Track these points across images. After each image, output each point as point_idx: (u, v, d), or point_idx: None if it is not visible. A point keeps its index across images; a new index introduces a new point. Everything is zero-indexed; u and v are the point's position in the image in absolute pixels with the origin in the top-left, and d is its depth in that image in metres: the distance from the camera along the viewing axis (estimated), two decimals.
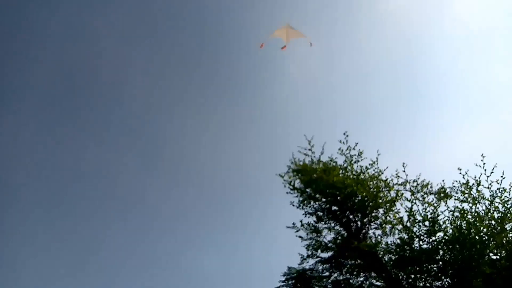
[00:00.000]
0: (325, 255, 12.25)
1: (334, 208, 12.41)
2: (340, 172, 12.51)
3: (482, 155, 11.20)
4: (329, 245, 12.15)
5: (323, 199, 12.53)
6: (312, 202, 12.65)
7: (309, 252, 12.25)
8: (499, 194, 11.10)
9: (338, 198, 12.25)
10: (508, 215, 11.00)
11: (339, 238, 12.12)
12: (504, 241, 10.82)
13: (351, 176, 12.37)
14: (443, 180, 11.84)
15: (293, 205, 12.85)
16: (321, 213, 12.46)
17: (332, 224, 12.35)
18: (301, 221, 12.45)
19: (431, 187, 11.91)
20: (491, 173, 11.11)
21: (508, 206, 11.00)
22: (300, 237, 12.41)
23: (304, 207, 12.69)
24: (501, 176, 11.04)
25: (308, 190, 12.84)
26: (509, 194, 11.03)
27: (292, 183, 12.94)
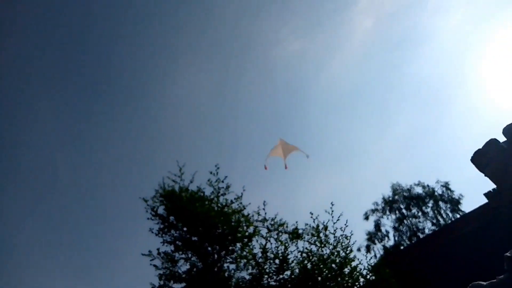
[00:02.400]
0: (178, 286, 11.98)
1: (194, 238, 12.28)
2: (206, 203, 12.53)
3: (331, 203, 12.39)
4: (183, 276, 11.92)
5: (185, 229, 12.34)
6: (172, 231, 12.36)
7: (161, 282, 11.82)
8: (341, 240, 12.33)
9: (200, 228, 12.19)
10: (347, 260, 12.23)
11: (194, 269, 11.99)
12: (344, 285, 11.95)
13: (216, 208, 12.48)
14: (296, 222, 12.69)
15: (153, 232, 12.38)
16: (180, 243, 12.20)
17: (189, 255, 12.17)
18: (158, 249, 12.03)
19: (286, 226, 12.64)
20: (337, 220, 12.34)
21: (348, 253, 12.26)
22: (154, 265, 11.94)
23: (163, 235, 12.31)
24: (345, 224, 12.33)
25: (171, 217, 12.54)
26: (349, 242, 12.35)
27: (155, 209, 12.51)
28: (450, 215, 26.80)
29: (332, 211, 12.28)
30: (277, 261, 11.89)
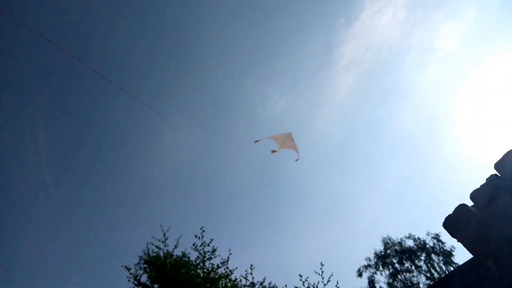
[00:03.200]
0: None
1: None
2: (191, 269, 12.07)
3: (321, 263, 12.06)
4: None
5: None
6: None
7: None
8: None
9: None
10: None
11: None
12: None
13: (202, 275, 12.01)
14: (285, 285, 12.27)
15: None
16: None
17: None
18: None
19: None
20: (328, 281, 11.95)
21: None
22: None
23: None
24: (336, 286, 11.93)
25: (155, 286, 11.98)
26: None
27: (138, 278, 11.96)
28: (444, 267, 26.31)
29: (322, 271, 11.93)
30: None
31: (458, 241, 7.82)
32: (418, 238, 27.72)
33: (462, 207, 7.73)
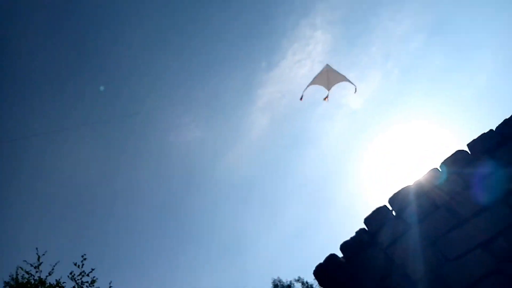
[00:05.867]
0: None
1: None
2: None
3: None
4: None
5: None
6: None
7: None
8: None
9: None
10: None
11: None
12: None
13: None
14: None
15: None
16: None
17: None
18: None
19: None
20: None
21: None
22: None
23: None
24: None
25: None
26: None
27: None
28: None
29: None
30: None
31: None
32: (306, 282, 28.07)
33: (331, 257, 7.71)
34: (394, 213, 6.66)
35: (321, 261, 7.64)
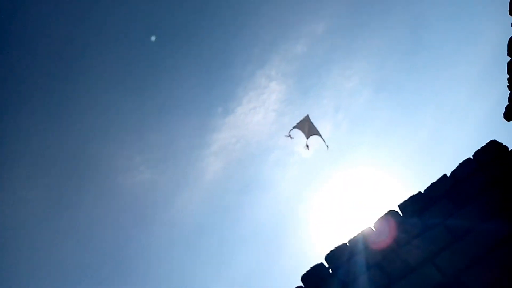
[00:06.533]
0: None
1: None
2: None
3: None
4: None
5: None
6: None
7: None
8: None
9: None
10: None
11: None
12: None
13: None
14: None
15: None
16: None
17: None
18: None
19: None
20: None
21: None
22: None
23: None
24: None
25: None
26: None
27: None
28: None
29: None
30: None
31: None
32: None
33: None
34: (330, 270, 6.70)
35: None
